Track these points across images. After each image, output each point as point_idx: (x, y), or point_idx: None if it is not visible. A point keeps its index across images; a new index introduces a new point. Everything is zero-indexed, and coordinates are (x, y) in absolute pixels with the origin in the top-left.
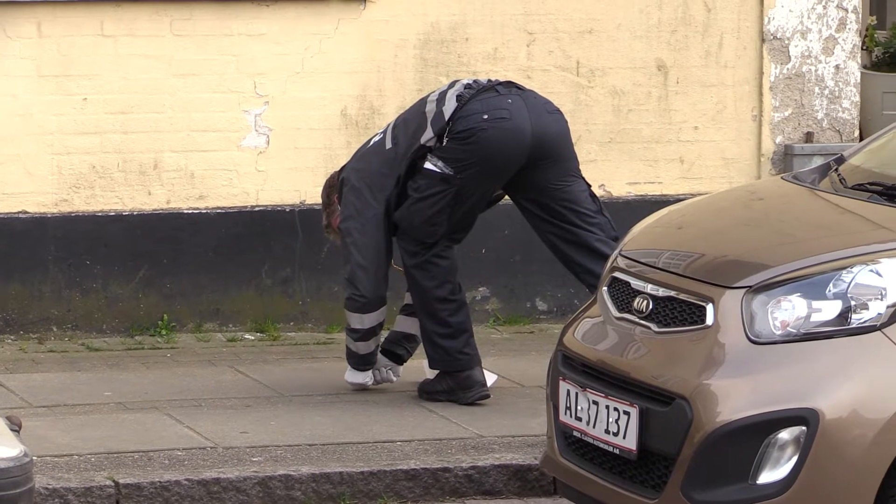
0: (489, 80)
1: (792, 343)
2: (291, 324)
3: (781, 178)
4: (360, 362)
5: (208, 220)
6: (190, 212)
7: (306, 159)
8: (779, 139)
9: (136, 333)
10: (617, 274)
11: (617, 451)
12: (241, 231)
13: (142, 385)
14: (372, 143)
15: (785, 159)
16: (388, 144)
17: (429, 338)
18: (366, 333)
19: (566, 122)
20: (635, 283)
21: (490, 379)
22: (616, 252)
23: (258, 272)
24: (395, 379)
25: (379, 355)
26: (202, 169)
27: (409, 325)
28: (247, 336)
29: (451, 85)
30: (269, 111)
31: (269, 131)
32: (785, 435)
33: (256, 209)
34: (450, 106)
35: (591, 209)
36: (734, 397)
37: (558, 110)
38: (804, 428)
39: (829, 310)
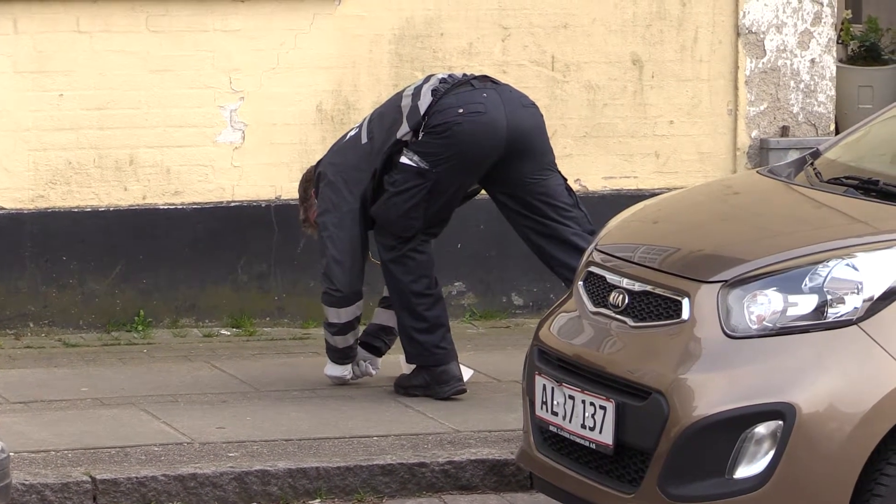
0: (464, 75)
1: (768, 337)
2: (267, 319)
3: (757, 172)
4: (339, 356)
5: (184, 216)
6: (166, 207)
7: (282, 154)
8: (754, 133)
9: (112, 329)
10: (593, 269)
11: (593, 446)
12: (217, 226)
13: (118, 381)
14: (348, 137)
15: (761, 153)
16: (364, 139)
17: (405, 332)
18: (343, 327)
19: (542, 115)
20: (611, 278)
21: (466, 374)
22: (592, 247)
23: (234, 268)
24: (374, 372)
25: (358, 348)
26: (178, 164)
27: (387, 318)
28: (223, 331)
29: (427, 79)
30: (245, 107)
31: (245, 127)
32: (762, 429)
33: (232, 204)
34: (425, 100)
35: (567, 203)
36: (711, 392)
37: (534, 104)
38: (781, 422)
39: (805, 304)
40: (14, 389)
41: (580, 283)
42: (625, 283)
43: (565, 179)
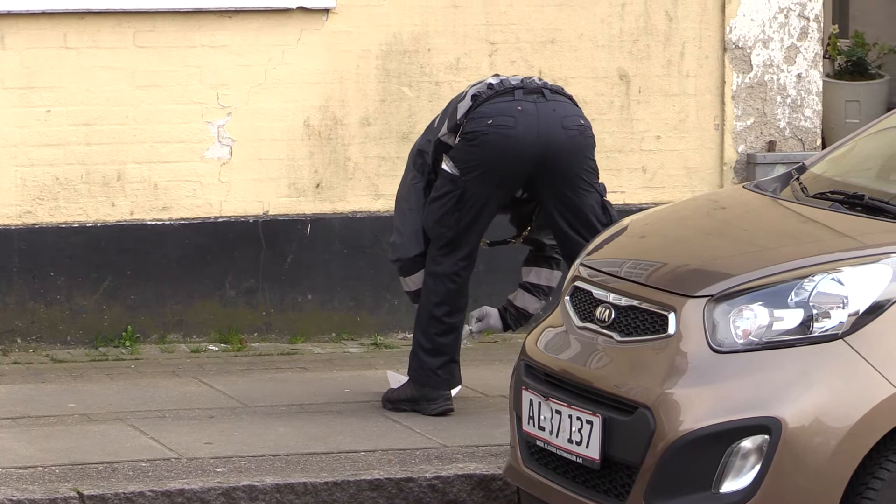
0: (523, 80)
1: (754, 352)
2: (255, 334)
3: (743, 186)
4: None
5: (172, 232)
6: (153, 223)
7: (269, 170)
8: (741, 148)
9: (100, 345)
10: (579, 283)
11: (580, 461)
12: (204, 242)
13: (106, 396)
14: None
15: (747, 168)
16: (435, 123)
17: (413, 345)
18: (417, 295)
19: (587, 137)
20: (598, 293)
21: (454, 389)
22: (578, 261)
23: (222, 283)
24: (469, 329)
25: (488, 309)
26: (165, 180)
27: (529, 302)
28: (210, 347)
29: (482, 81)
30: (232, 122)
31: (233, 142)
32: (748, 444)
33: (220, 220)
34: (465, 104)
35: (597, 221)
36: (696, 406)
37: (579, 126)
38: (767, 437)
39: (791, 318)
40: (1, 405)
41: (567, 297)
42: (611, 297)
43: (603, 196)
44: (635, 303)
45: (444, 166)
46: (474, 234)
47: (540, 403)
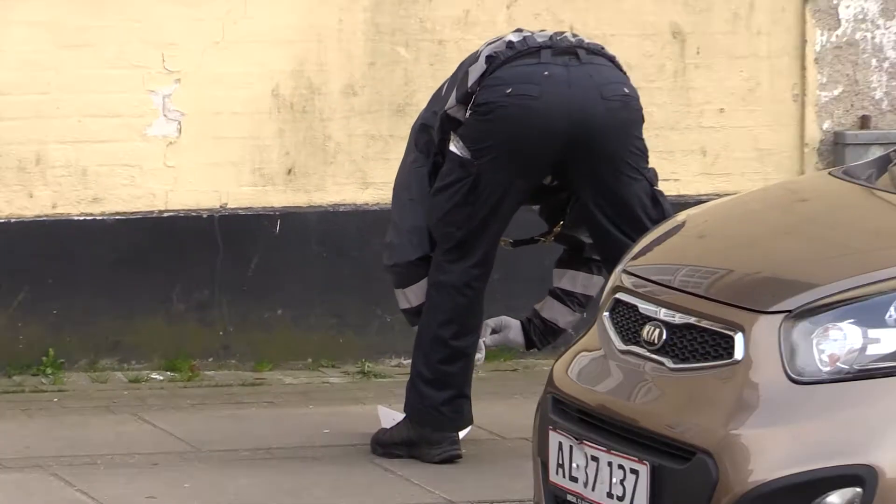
0: (552, 38)
1: (843, 382)
2: (210, 360)
3: (829, 173)
4: None
5: (105, 230)
6: (81, 219)
7: (228, 152)
8: (826, 125)
9: (14, 373)
10: (621, 295)
11: None
12: (146, 243)
13: (22, 438)
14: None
15: (835, 150)
16: (442, 93)
17: (412, 375)
18: (418, 312)
19: (633, 110)
20: (644, 308)
21: (462, 431)
22: (620, 268)
23: (168, 295)
24: (478, 356)
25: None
26: (97, 164)
27: (565, 317)
28: (154, 375)
29: (501, 38)
30: (182, 91)
31: (182, 117)
32: (835, 499)
33: (165, 215)
34: (478, 68)
35: (646, 216)
36: (771, 451)
37: (622, 96)
38: (859, 489)
39: (889, 340)
40: None
41: (605, 314)
42: (662, 313)
43: (653, 185)
44: (692, 320)
45: (451, 147)
46: (490, 234)
47: (572, 448)
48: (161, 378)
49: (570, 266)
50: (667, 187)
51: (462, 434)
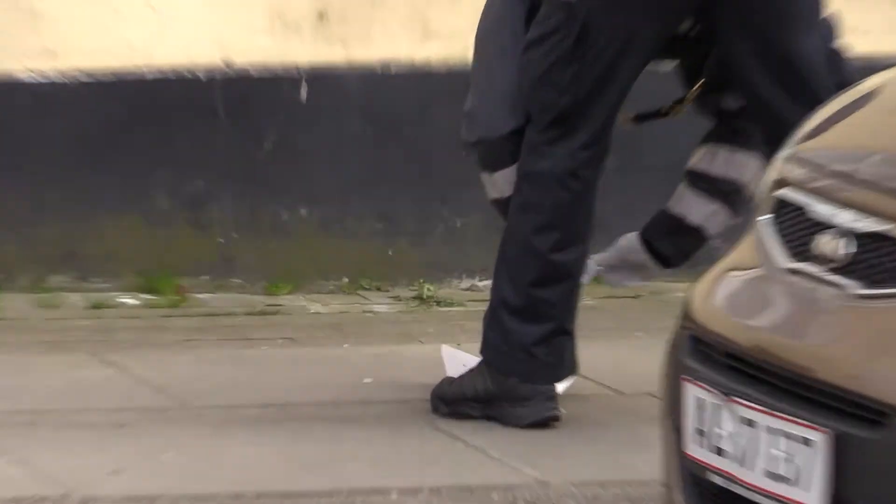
0: None
1: None
2: (205, 278)
3: None
4: None
5: (63, 95)
6: (31, 80)
7: None
8: None
9: None
10: (787, 192)
11: None
12: (118, 113)
13: None
14: None
15: None
16: None
17: (492, 302)
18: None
19: None
20: (820, 210)
21: (562, 383)
22: (786, 153)
23: (147, 187)
24: (634, 285)
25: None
26: (51, 6)
27: (698, 211)
28: (125, 300)
29: None
30: None
31: None
32: None
33: (148, 76)
34: None
35: (825, 82)
36: None
37: None
38: None
39: None
40: None
41: (765, 218)
42: (845, 218)
43: (832, 40)
44: (889, 227)
45: None
46: (605, 103)
47: (717, 408)
48: (134, 303)
49: (710, 140)
50: (854, 43)
51: (562, 387)
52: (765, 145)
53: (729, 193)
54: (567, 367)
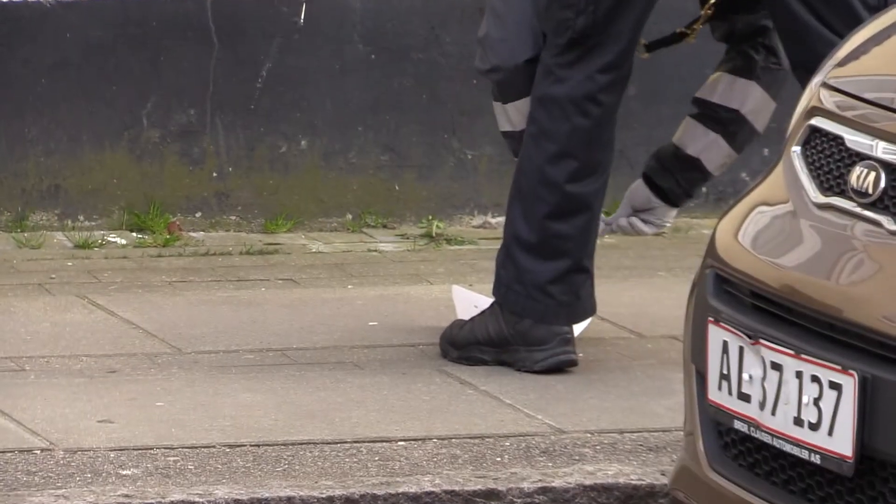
0: None
1: None
2: (198, 215)
3: None
4: None
5: (42, 17)
6: (6, 0)
7: None
8: None
9: None
10: (820, 121)
11: (817, 460)
12: (104, 37)
13: None
14: None
15: None
16: None
17: (505, 239)
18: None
19: None
20: (855, 140)
21: (579, 325)
22: (819, 77)
23: (136, 116)
24: (648, 231)
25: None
26: None
27: (697, 141)
28: (112, 238)
29: None
30: None
31: None
32: None
33: None
34: None
35: (863, 1)
36: None
37: None
38: None
39: None
40: None
41: (795, 149)
42: (881, 149)
43: None
44: None
45: None
46: (627, 23)
47: (742, 350)
48: (123, 242)
49: (728, 68)
50: None
51: (579, 330)
52: (797, 72)
53: (728, 123)
54: (584, 307)
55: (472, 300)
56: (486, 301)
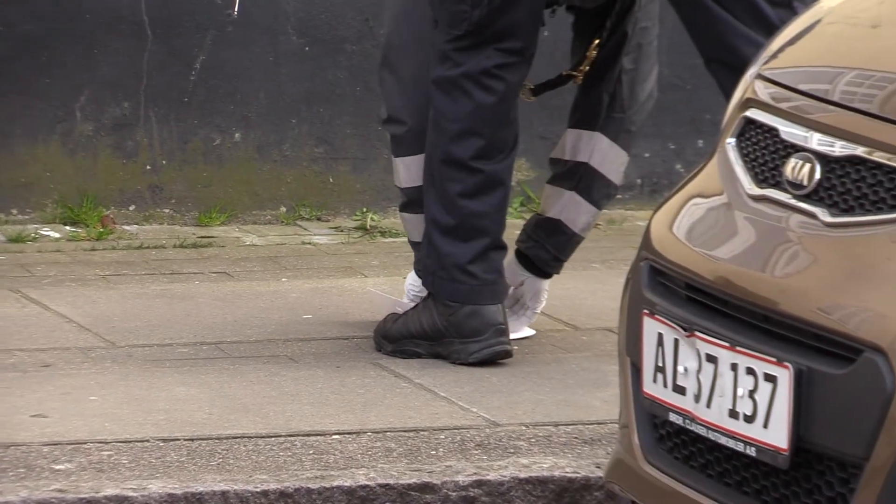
0: None
1: None
2: (132, 208)
3: None
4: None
5: None
6: None
7: None
8: None
9: None
10: (755, 113)
11: (752, 452)
12: (36, 29)
13: None
14: None
15: None
16: None
17: (426, 227)
18: (413, 196)
19: None
20: (789, 132)
21: (516, 333)
22: (752, 70)
23: (69, 109)
24: (529, 314)
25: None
26: None
27: (555, 203)
28: (46, 231)
29: None
30: None
31: None
32: None
33: None
34: None
35: None
36: None
37: None
38: None
39: None
40: None
41: (730, 141)
42: (815, 141)
43: None
44: (861, 151)
45: None
46: (522, 14)
47: (677, 343)
48: (56, 236)
49: (569, 123)
50: None
51: (520, 335)
52: (712, 65)
53: (580, 178)
54: (507, 283)
55: (390, 303)
56: (404, 303)
